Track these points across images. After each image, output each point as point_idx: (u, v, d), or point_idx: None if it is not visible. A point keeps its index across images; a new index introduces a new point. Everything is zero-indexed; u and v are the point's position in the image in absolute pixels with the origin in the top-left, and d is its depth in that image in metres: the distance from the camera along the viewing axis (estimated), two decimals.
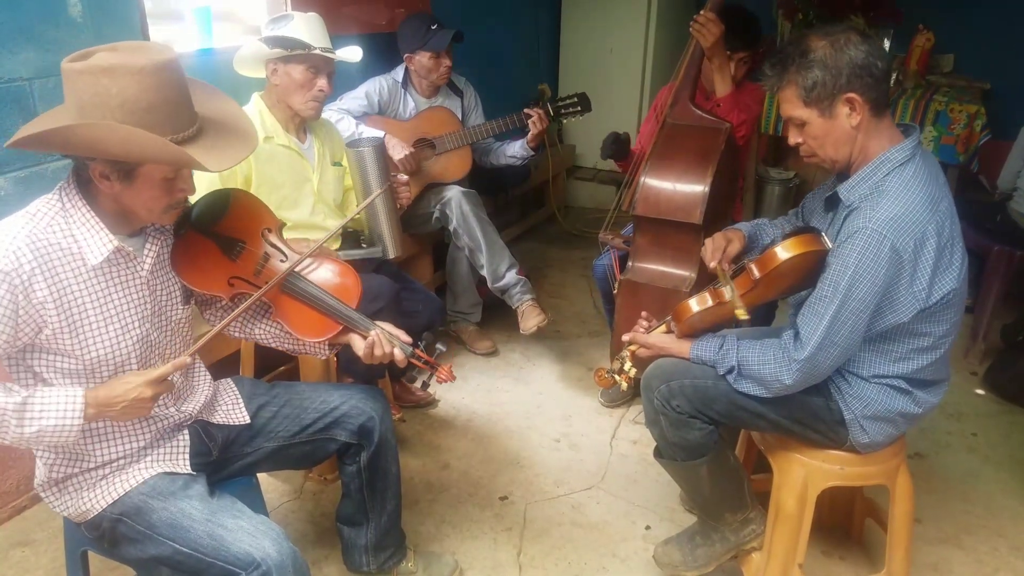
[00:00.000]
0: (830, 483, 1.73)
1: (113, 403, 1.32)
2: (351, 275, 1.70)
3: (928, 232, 1.47)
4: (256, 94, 2.21)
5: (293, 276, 1.60)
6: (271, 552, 1.34)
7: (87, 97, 1.25)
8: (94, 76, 1.24)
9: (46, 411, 1.27)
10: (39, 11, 2.00)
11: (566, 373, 3.04)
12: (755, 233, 1.89)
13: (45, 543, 2.08)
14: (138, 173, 1.31)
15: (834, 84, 1.49)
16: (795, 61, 1.52)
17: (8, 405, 1.24)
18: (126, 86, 1.24)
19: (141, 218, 1.40)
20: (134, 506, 1.42)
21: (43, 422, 1.26)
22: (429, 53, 2.86)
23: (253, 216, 1.64)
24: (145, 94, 1.25)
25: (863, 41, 1.49)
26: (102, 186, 1.32)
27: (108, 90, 1.24)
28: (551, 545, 2.13)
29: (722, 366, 1.66)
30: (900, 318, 1.52)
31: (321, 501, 2.29)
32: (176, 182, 1.37)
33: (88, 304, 1.34)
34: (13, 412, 1.25)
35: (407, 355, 1.65)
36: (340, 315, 1.62)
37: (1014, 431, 2.70)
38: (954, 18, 4.31)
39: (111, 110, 1.24)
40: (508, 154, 3.14)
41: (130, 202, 1.35)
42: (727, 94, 2.42)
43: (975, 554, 2.11)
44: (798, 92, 1.53)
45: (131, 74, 1.24)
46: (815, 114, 1.54)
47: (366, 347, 1.62)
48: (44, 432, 1.27)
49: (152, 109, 1.26)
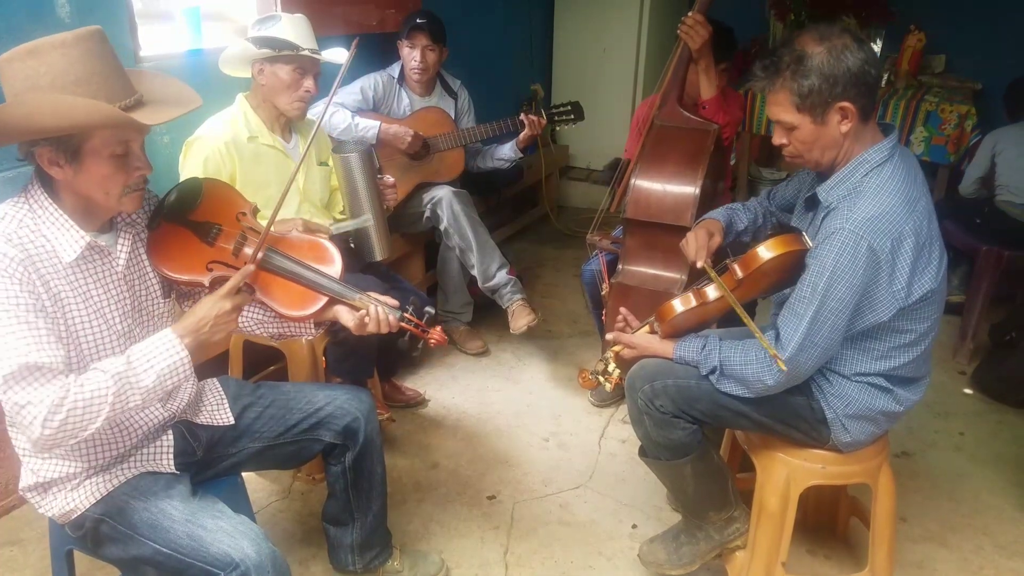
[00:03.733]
0: (812, 482, 1.74)
1: (200, 326, 1.39)
2: (327, 246, 1.67)
3: (905, 232, 1.48)
4: (241, 94, 2.21)
5: (272, 252, 1.58)
6: (250, 552, 1.34)
7: (19, 83, 1.25)
8: (21, 60, 1.24)
9: (152, 358, 1.33)
10: (26, 11, 2.01)
11: (556, 373, 3.05)
12: (730, 219, 1.89)
13: (33, 542, 2.09)
14: (84, 151, 1.29)
15: (830, 92, 1.47)
16: (790, 66, 1.49)
17: (120, 368, 1.30)
18: (53, 62, 1.24)
19: (102, 204, 1.37)
20: (116, 506, 1.43)
21: (157, 367, 1.33)
22: (407, 42, 2.90)
23: (227, 201, 1.62)
24: (72, 67, 1.25)
25: (859, 48, 1.47)
26: (54, 174, 1.30)
27: (36, 70, 1.24)
28: (538, 544, 2.14)
29: (704, 366, 1.67)
30: (880, 317, 1.53)
31: (309, 500, 2.30)
32: (128, 159, 1.34)
33: (71, 300, 1.34)
34: (127, 372, 1.30)
35: (397, 318, 1.62)
36: (324, 287, 1.59)
37: (1001, 430, 2.71)
38: (946, 19, 4.32)
39: (42, 90, 1.24)
40: (496, 157, 3.16)
41: (86, 187, 1.33)
42: (713, 96, 2.42)
43: (960, 552, 2.12)
44: (791, 98, 1.51)
45: (54, 48, 1.24)
46: (807, 120, 1.52)
47: (357, 317, 1.59)
48: (162, 376, 1.33)
49: (81, 81, 1.26)
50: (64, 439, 1.25)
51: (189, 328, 1.38)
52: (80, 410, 1.24)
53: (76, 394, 1.24)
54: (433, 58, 2.94)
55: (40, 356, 1.23)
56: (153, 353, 1.34)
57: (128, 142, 1.33)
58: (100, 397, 1.26)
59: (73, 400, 1.24)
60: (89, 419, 1.26)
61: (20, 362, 1.21)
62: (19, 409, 1.22)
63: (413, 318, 1.64)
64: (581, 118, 3.00)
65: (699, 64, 2.40)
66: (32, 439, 1.23)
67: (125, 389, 1.29)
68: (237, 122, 2.16)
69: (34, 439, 1.23)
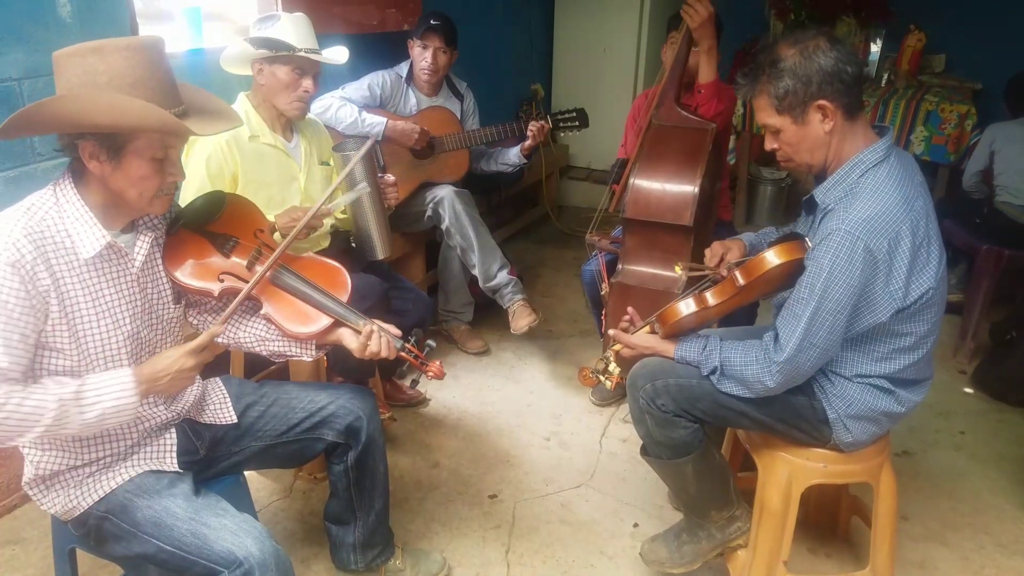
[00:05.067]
0: (814, 481, 1.74)
1: (159, 377, 1.38)
2: (340, 270, 1.71)
3: (902, 231, 1.48)
4: (242, 93, 2.21)
5: (283, 269, 1.61)
6: (253, 551, 1.35)
7: (76, 78, 1.27)
8: (82, 56, 1.27)
9: (102, 394, 1.31)
10: (28, 11, 2.01)
11: (557, 372, 3.05)
12: (759, 243, 1.90)
13: (36, 541, 2.09)
14: (127, 150, 1.31)
15: (805, 92, 1.51)
16: (765, 70, 1.55)
17: (66, 395, 1.28)
18: (113, 62, 1.26)
19: (132, 203, 1.39)
20: (119, 504, 1.43)
21: (103, 404, 1.31)
22: (419, 42, 2.92)
23: (247, 216, 1.67)
24: (132, 69, 1.28)
25: (832, 48, 1.51)
26: (92, 167, 1.33)
27: (95, 68, 1.26)
28: (539, 543, 2.14)
29: (705, 367, 1.67)
30: (878, 318, 1.53)
31: (311, 499, 2.30)
32: (165, 164, 1.38)
33: (81, 297, 1.35)
34: (72, 401, 1.28)
35: (397, 349, 1.65)
36: (330, 309, 1.62)
37: (1002, 429, 2.72)
38: (945, 18, 4.33)
39: (99, 87, 1.27)
40: (501, 161, 3.17)
41: (120, 185, 1.35)
42: (711, 81, 2.42)
43: (961, 551, 2.12)
44: (770, 101, 1.56)
45: (118, 51, 1.27)
46: (788, 121, 1.56)
47: (360, 341, 1.61)
48: (106, 414, 1.32)
49: (138, 84, 1.29)
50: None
51: (147, 376, 1.38)
52: (14, 421, 1.24)
53: (15, 404, 1.24)
54: (444, 60, 2.95)
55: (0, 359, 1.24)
56: (105, 390, 1.32)
57: (169, 148, 1.37)
58: (37, 415, 1.25)
59: (11, 409, 1.23)
60: (18, 432, 1.25)
61: None
62: None
63: (414, 349, 1.68)
64: (586, 125, 3.02)
65: (700, 45, 2.39)
66: None
67: (64, 416, 1.28)
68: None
69: None
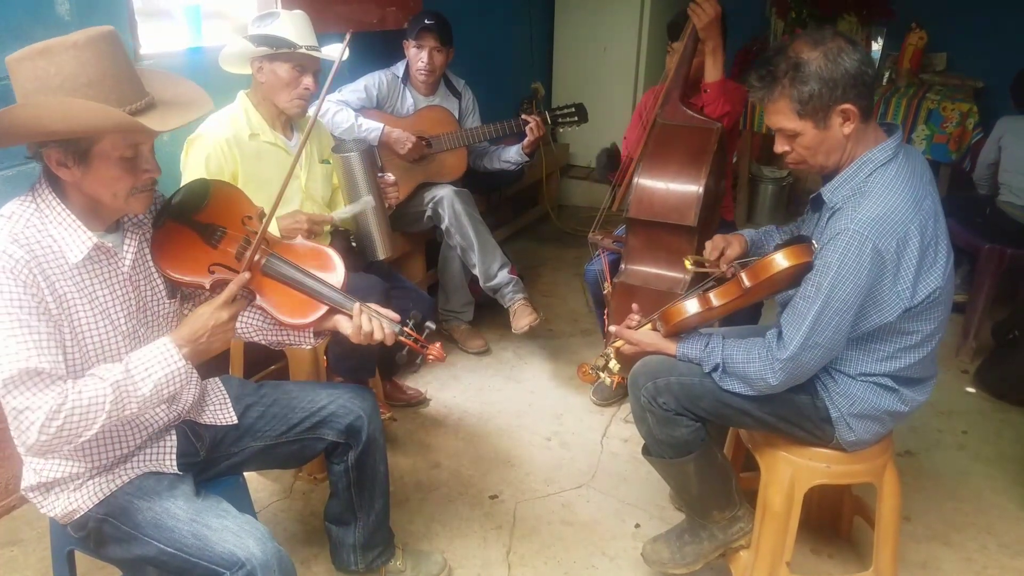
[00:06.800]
0: (817, 481, 1.73)
1: (198, 337, 1.39)
2: (330, 253, 1.67)
3: (911, 231, 1.47)
4: (242, 92, 2.20)
5: (274, 259, 1.57)
6: (255, 552, 1.34)
7: (29, 84, 1.23)
8: (31, 60, 1.23)
9: (150, 367, 1.33)
10: (26, 9, 2.00)
11: (558, 372, 3.04)
12: (760, 240, 1.88)
13: (34, 542, 2.08)
14: (93, 153, 1.28)
15: (830, 96, 1.47)
16: (787, 74, 1.49)
17: (118, 377, 1.29)
18: (64, 63, 1.22)
19: (109, 206, 1.36)
20: (119, 506, 1.42)
21: (154, 377, 1.33)
22: (415, 42, 2.90)
23: (233, 204, 1.62)
24: (84, 68, 1.23)
25: (854, 49, 1.47)
26: (62, 175, 1.29)
27: (47, 71, 1.22)
28: (541, 543, 2.13)
29: (707, 364, 1.66)
30: (886, 318, 1.52)
31: (311, 500, 2.29)
32: (137, 162, 1.33)
33: (77, 301, 1.33)
34: (125, 381, 1.30)
35: (396, 332, 1.61)
36: (324, 296, 1.58)
37: (1005, 429, 2.71)
38: (947, 17, 4.31)
39: (53, 91, 1.22)
40: (503, 159, 3.16)
41: (93, 189, 1.32)
42: (717, 81, 2.41)
43: (964, 552, 2.11)
44: (792, 105, 1.50)
45: (66, 50, 1.23)
46: (809, 126, 1.52)
47: (354, 325, 1.58)
48: (160, 385, 1.34)
49: (93, 83, 1.24)
50: (59, 445, 1.25)
51: (186, 337, 1.38)
52: (77, 417, 1.24)
53: (74, 401, 1.24)
54: (440, 60, 2.94)
55: (40, 361, 1.23)
56: (151, 362, 1.34)
57: (137, 145, 1.33)
58: (97, 404, 1.26)
59: (71, 407, 1.24)
60: (85, 426, 1.26)
61: (20, 367, 1.21)
62: (17, 414, 1.22)
63: (413, 332, 1.64)
64: (585, 120, 3.01)
65: (707, 45, 2.38)
66: (27, 444, 1.23)
67: (122, 397, 1.29)
68: (238, 120, 2.15)
69: (29, 444, 1.23)
